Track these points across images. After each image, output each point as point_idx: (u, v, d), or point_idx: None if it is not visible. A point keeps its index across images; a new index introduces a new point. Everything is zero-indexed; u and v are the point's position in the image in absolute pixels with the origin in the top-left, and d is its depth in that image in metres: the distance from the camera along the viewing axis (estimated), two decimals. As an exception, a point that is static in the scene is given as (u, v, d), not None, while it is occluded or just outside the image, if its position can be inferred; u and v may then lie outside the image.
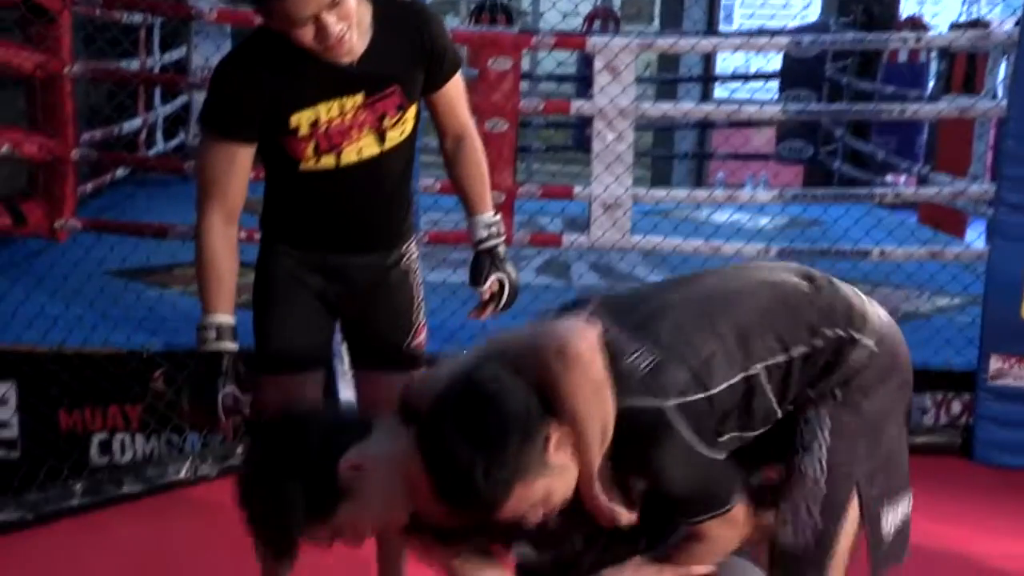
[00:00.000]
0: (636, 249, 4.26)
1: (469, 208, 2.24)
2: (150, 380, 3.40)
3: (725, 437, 1.62)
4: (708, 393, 1.56)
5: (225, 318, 2.01)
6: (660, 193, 4.49)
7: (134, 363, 3.39)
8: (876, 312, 1.70)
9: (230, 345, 2.00)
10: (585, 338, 1.54)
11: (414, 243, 2.24)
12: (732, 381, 1.58)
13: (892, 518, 1.71)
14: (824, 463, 1.63)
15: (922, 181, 5.37)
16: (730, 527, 1.63)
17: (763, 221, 5.28)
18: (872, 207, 5.31)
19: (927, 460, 3.54)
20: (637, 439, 1.54)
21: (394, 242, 2.18)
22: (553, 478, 1.53)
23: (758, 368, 1.60)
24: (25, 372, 3.32)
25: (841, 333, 1.64)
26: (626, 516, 1.60)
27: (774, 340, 1.61)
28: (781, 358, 1.61)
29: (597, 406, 1.52)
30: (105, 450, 3.41)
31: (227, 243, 2.01)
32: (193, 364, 2.04)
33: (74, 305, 3.67)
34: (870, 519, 1.68)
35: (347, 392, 3.39)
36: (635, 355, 1.55)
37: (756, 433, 1.65)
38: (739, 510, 1.63)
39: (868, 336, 1.65)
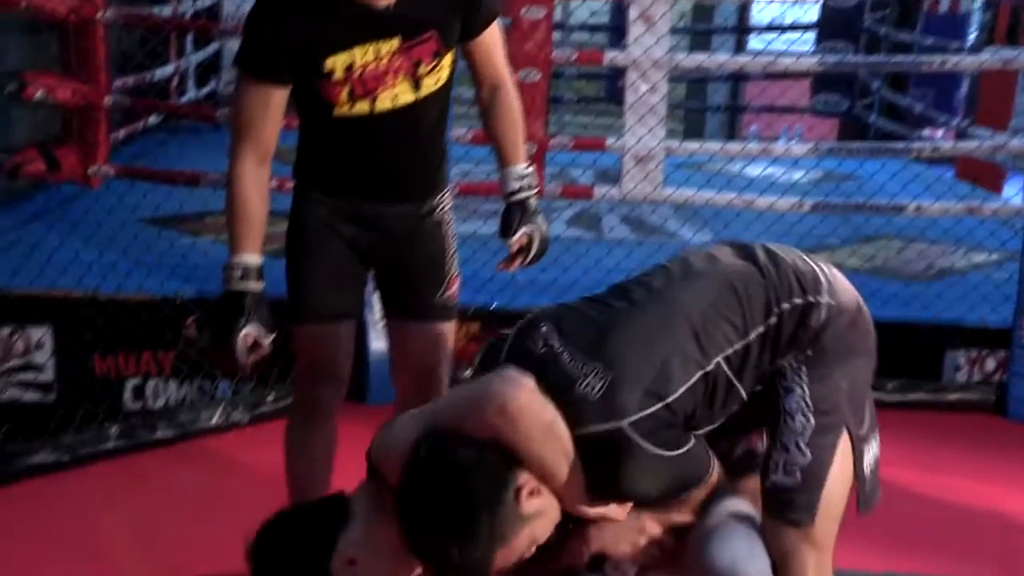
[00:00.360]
0: (668, 202, 4.23)
1: (502, 159, 2.22)
2: (182, 327, 3.43)
3: (696, 432, 1.64)
4: (666, 401, 1.58)
5: (252, 258, 2.01)
6: (693, 145, 4.45)
7: (167, 310, 3.42)
8: (821, 268, 1.71)
9: (254, 285, 2.01)
10: (522, 388, 1.57)
11: (448, 194, 2.23)
12: (691, 382, 1.60)
13: (869, 458, 1.71)
14: (808, 400, 1.64)
15: (960, 135, 5.28)
16: (706, 488, 1.68)
17: (797, 175, 5.22)
18: (908, 162, 5.24)
19: (960, 417, 3.54)
20: (602, 462, 1.57)
21: (428, 192, 2.17)
22: (535, 524, 1.59)
23: (717, 360, 1.62)
24: (61, 317, 3.36)
25: (798, 301, 1.65)
26: (622, 511, 1.64)
27: (730, 329, 1.63)
28: (739, 344, 1.63)
29: (553, 442, 1.56)
30: (138, 395, 3.45)
31: (258, 185, 2.01)
32: (217, 303, 2.05)
33: (108, 251, 3.69)
34: (857, 458, 1.68)
35: (377, 342, 3.41)
36: (588, 379, 1.57)
37: (724, 419, 1.67)
38: (715, 473, 1.67)
39: (823, 294, 1.66)
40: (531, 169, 2.24)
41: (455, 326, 2.28)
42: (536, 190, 2.23)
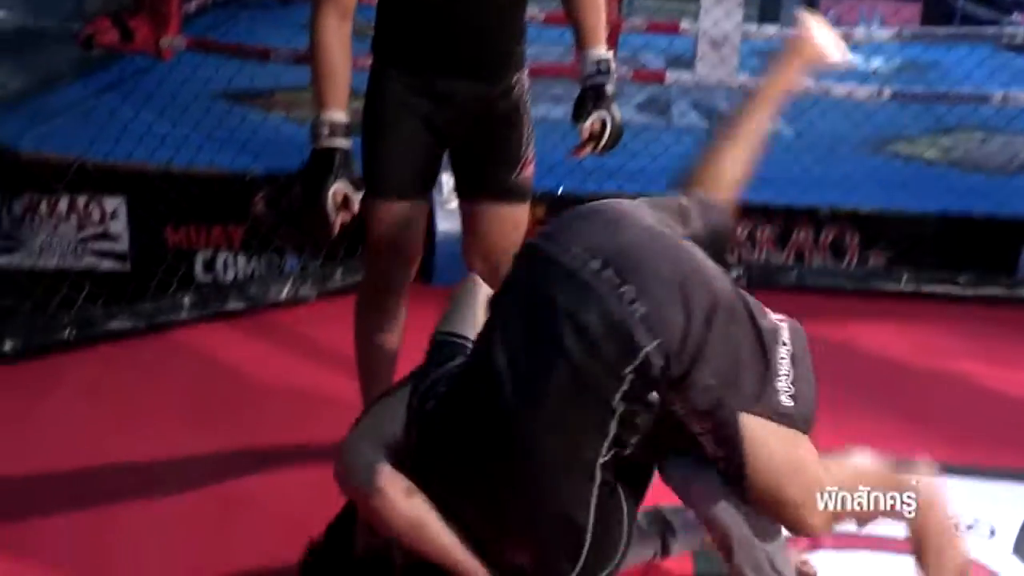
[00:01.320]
0: (742, 88, 4.12)
1: (580, 41, 2.16)
2: (252, 203, 3.47)
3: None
4: (588, 542, 1.58)
5: (338, 115, 1.98)
6: (772, 29, 4.31)
7: (237, 185, 3.45)
8: (637, 304, 1.57)
9: (342, 142, 1.97)
10: (380, 491, 1.59)
11: (526, 74, 2.19)
12: (593, 504, 1.59)
13: (782, 393, 1.62)
14: (694, 411, 1.61)
15: (1054, 23, 5.04)
16: None
17: (877, 62, 5.04)
18: (996, 49, 5.03)
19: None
20: None
21: (503, 70, 2.13)
22: None
23: (598, 464, 1.59)
24: (135, 188, 3.42)
25: (629, 372, 1.56)
26: None
27: (591, 438, 1.59)
28: (607, 440, 1.59)
29: (419, 535, 1.58)
30: (209, 268, 3.52)
31: (341, 40, 1.98)
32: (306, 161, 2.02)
33: (181, 125, 3.72)
34: (769, 415, 1.62)
35: (444, 223, 3.42)
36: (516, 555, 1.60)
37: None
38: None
39: (645, 339, 1.55)
40: (609, 53, 2.18)
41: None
42: (613, 76, 2.18)
